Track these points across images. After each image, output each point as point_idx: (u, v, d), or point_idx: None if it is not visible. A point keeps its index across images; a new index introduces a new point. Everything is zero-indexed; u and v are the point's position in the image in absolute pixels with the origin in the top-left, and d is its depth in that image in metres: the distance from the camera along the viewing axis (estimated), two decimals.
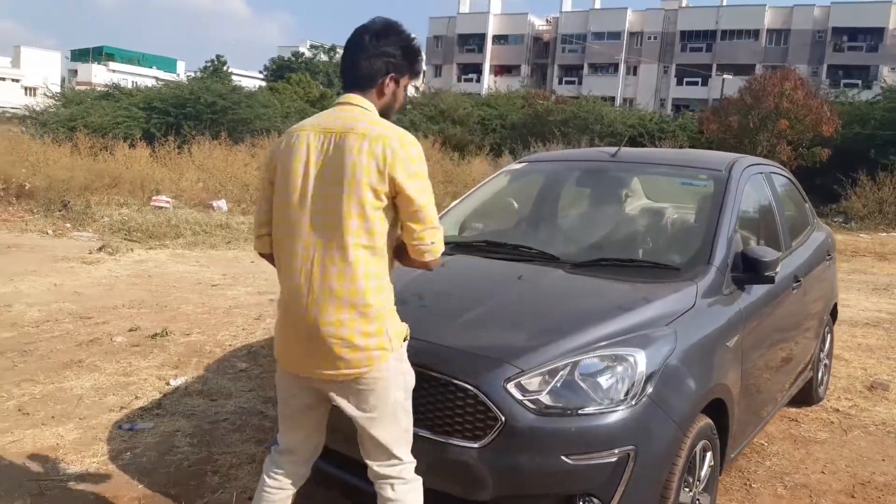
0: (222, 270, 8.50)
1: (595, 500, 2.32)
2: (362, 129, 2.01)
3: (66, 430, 3.77)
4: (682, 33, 51.43)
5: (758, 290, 3.20)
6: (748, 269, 3.06)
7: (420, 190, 2.00)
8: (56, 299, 6.50)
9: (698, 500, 2.75)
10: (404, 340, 2.15)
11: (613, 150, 4.00)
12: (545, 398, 2.35)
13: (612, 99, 43.96)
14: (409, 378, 2.18)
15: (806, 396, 4.54)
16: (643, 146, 19.42)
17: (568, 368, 2.39)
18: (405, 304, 2.82)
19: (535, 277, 2.97)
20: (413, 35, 2.19)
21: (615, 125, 27.02)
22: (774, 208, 3.87)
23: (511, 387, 2.34)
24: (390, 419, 2.12)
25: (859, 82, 38.24)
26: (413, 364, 2.46)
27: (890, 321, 7.56)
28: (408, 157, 1.98)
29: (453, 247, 3.54)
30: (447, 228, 3.86)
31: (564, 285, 2.93)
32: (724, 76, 32.74)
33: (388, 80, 2.14)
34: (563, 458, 2.28)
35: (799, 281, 3.74)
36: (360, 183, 1.96)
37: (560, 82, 52.22)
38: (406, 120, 30.61)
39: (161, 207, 12.98)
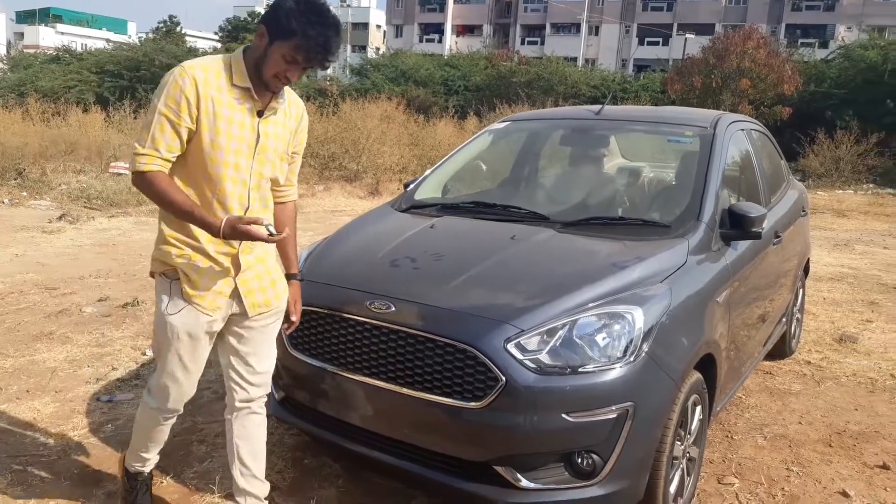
0: None
1: (595, 457, 2.34)
2: None
3: (43, 403, 3.67)
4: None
5: (743, 246, 3.23)
6: (735, 226, 3.08)
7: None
8: (19, 270, 6.29)
9: (688, 452, 2.80)
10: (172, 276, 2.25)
11: (597, 107, 3.96)
12: (545, 357, 2.34)
13: (575, 59, 43.82)
14: (163, 310, 2.27)
15: (780, 350, 4.65)
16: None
17: (566, 327, 2.39)
18: (398, 267, 2.81)
19: (528, 237, 2.95)
20: None
21: (579, 86, 27.01)
22: (755, 164, 3.89)
23: (511, 347, 2.33)
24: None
25: (816, 41, 38.71)
26: (409, 326, 2.44)
27: (853, 276, 7.77)
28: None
29: (440, 208, 3.50)
30: (429, 191, 3.83)
31: (557, 245, 2.92)
32: (687, 35, 32.85)
33: (258, 28, 2.17)
34: (563, 416, 2.28)
35: (779, 237, 3.79)
36: None
37: (523, 42, 51.75)
38: (368, 81, 30.13)
39: (121, 174, 12.60)
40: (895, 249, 9.77)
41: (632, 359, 2.38)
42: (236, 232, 2.09)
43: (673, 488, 2.67)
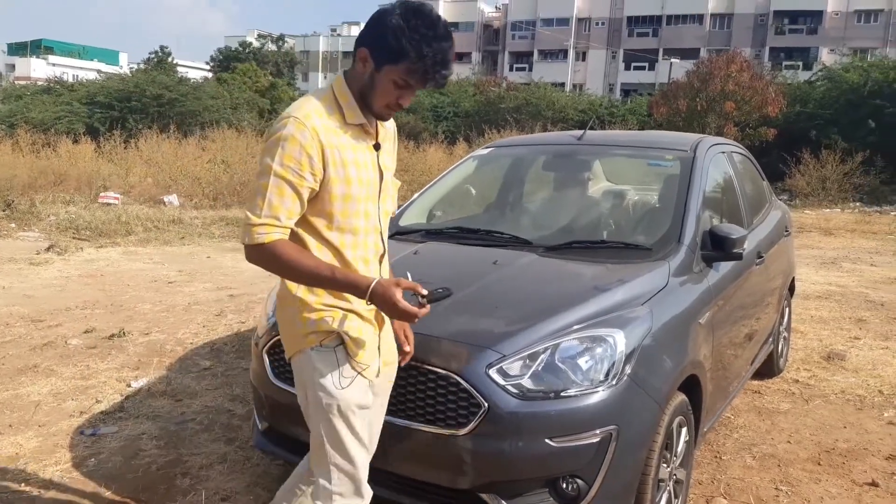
0: (178, 267, 8.30)
1: (579, 481, 2.33)
2: None
3: (26, 438, 3.62)
4: (629, 18, 52.10)
5: (725, 267, 3.25)
6: (716, 247, 3.10)
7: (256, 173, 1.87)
8: (5, 302, 6.25)
9: (675, 474, 2.79)
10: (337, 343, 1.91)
11: (579, 133, 4.00)
12: (527, 382, 2.34)
13: (563, 85, 44.30)
14: (332, 386, 1.90)
15: (768, 369, 4.66)
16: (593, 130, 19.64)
17: (548, 351, 2.39)
18: None
19: (510, 262, 2.96)
20: (398, 9, 1.80)
21: (567, 111, 27.29)
22: (736, 186, 3.93)
23: (493, 372, 2.32)
24: (311, 419, 1.98)
25: (800, 64, 39.31)
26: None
27: (840, 293, 7.81)
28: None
29: (424, 234, 3.51)
30: (414, 217, 3.85)
31: (539, 269, 2.93)
32: (672, 60, 33.33)
33: (359, 51, 1.86)
34: (546, 440, 2.28)
35: (762, 257, 3.81)
36: None
37: (511, 69, 52.38)
38: None
39: (109, 204, 12.61)
40: (882, 267, 9.83)
41: (614, 382, 2.38)
42: (385, 300, 1.77)
43: None
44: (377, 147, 1.94)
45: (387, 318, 2.04)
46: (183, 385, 4.39)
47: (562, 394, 2.32)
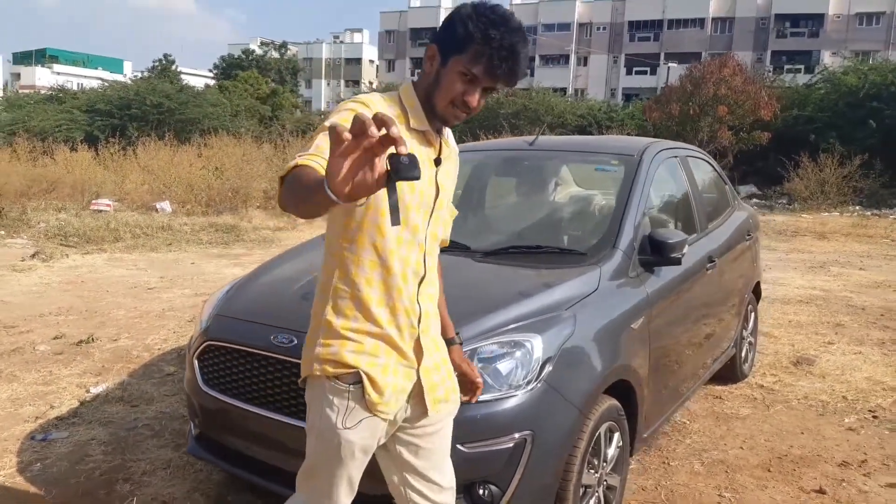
0: (160, 273, 8.32)
1: (493, 487, 2.32)
2: None
3: None
4: (630, 23, 52.10)
5: (668, 272, 3.24)
6: (655, 252, 3.09)
7: None
8: None
9: (606, 480, 2.78)
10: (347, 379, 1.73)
11: (531, 138, 4.00)
12: None
13: (564, 90, 44.29)
14: (337, 423, 1.73)
15: (731, 374, 4.63)
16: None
17: (466, 356, 2.37)
18: (309, 300, 2.80)
19: (445, 267, 2.94)
20: (471, 3, 1.70)
21: (565, 116, 27.28)
22: (689, 191, 3.92)
23: None
24: (308, 443, 1.83)
25: (802, 67, 39.19)
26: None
27: (823, 298, 7.76)
28: None
29: None
30: None
31: (470, 275, 2.92)
32: (670, 64, 33.29)
33: (427, 50, 1.74)
34: (458, 446, 2.26)
35: (713, 261, 3.79)
36: None
37: None
38: None
39: (101, 211, 12.68)
40: (871, 270, 9.76)
41: (530, 387, 2.37)
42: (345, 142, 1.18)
43: None
44: (437, 162, 1.77)
45: (436, 350, 1.85)
46: (141, 391, 4.40)
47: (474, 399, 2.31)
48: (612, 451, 2.78)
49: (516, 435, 2.31)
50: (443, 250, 3.21)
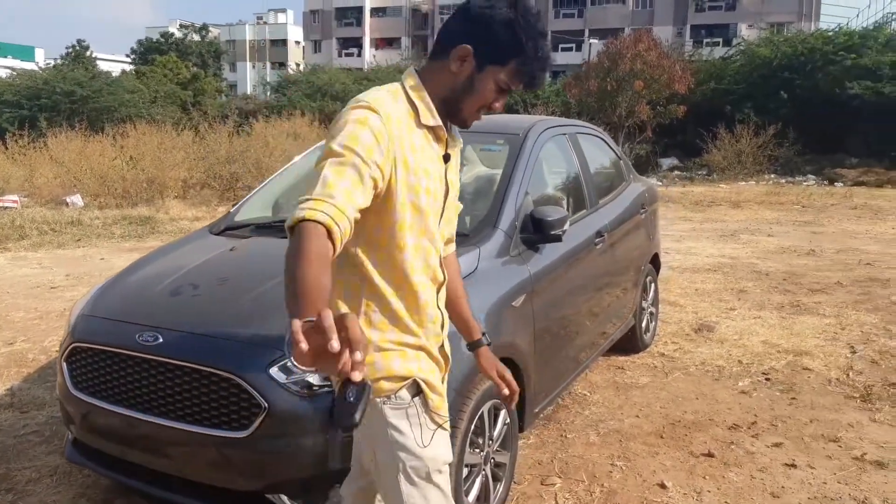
0: (66, 271, 7.99)
1: None
2: None
3: None
4: (555, 0, 52.45)
5: (553, 249, 3.27)
6: (537, 230, 3.12)
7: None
8: None
9: (494, 458, 2.81)
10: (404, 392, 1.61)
11: None
12: (313, 378, 2.30)
13: None
14: (415, 446, 1.60)
15: (632, 345, 4.75)
16: (517, 113, 19.77)
17: None
18: (178, 296, 2.73)
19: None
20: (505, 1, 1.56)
21: None
22: (578, 168, 3.97)
23: (275, 371, 2.28)
24: (385, 486, 1.66)
25: (720, 40, 40.32)
26: (173, 357, 2.36)
27: (730, 265, 8.05)
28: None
29: (254, 228, 3.43)
30: (256, 210, 3.76)
31: None
32: (591, 41, 33.77)
33: (457, 49, 1.58)
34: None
35: (602, 236, 3.86)
36: None
37: None
38: (284, 98, 29.87)
39: (6, 208, 12.08)
40: (778, 237, 10.18)
41: None
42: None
43: (473, 496, 2.67)
44: (447, 158, 1.67)
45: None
46: (32, 396, 4.22)
47: None
48: (498, 430, 2.81)
49: None
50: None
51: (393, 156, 1.49)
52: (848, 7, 39.08)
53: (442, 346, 1.72)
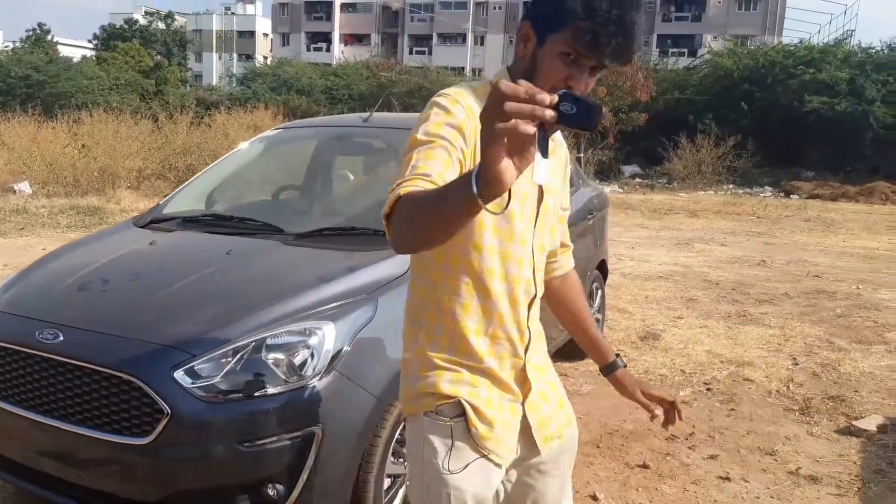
0: (5, 261, 7.67)
1: (279, 486, 2.20)
2: None
3: None
4: (525, 3, 52.68)
5: None
6: None
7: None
8: None
9: None
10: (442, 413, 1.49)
11: (366, 115, 3.87)
12: (220, 383, 2.18)
13: (462, 69, 44.43)
14: (440, 467, 1.47)
15: (577, 351, 4.68)
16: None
17: (249, 348, 2.24)
18: (85, 291, 2.58)
19: (247, 252, 2.79)
20: None
21: None
22: None
23: (179, 374, 2.15)
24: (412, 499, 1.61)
25: (686, 50, 40.94)
26: (73, 357, 2.22)
27: (682, 273, 8.09)
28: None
29: (181, 222, 3.29)
30: (188, 203, 3.61)
31: (274, 259, 2.77)
32: None
33: (520, 29, 1.49)
34: (237, 446, 2.13)
35: None
36: None
37: (411, 52, 52.07)
38: (249, 91, 29.44)
39: None
40: (731, 246, 10.29)
41: (319, 379, 2.25)
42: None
43: None
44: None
45: (542, 376, 1.59)
46: None
47: (255, 394, 2.18)
48: None
49: (302, 431, 2.19)
50: (253, 233, 3.04)
51: (474, 146, 1.37)
52: (810, 23, 40.06)
53: (523, 367, 1.53)
